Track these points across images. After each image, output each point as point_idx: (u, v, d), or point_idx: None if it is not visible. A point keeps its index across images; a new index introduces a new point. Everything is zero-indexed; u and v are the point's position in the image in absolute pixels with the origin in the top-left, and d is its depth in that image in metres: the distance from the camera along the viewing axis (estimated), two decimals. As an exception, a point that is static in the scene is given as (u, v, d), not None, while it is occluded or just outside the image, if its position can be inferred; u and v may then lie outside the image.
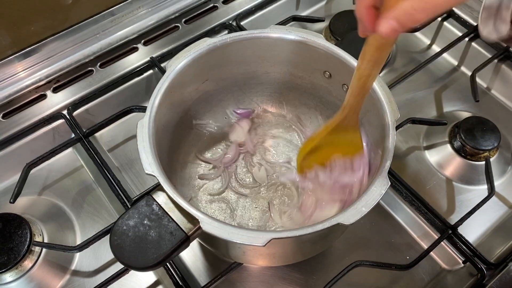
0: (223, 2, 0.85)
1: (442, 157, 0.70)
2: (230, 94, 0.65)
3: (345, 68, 0.55)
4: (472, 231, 0.63)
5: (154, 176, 0.46)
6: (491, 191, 0.63)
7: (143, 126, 0.49)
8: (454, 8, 0.81)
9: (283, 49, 0.58)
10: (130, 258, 0.44)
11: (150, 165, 0.46)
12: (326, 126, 0.52)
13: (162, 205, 0.46)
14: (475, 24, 0.79)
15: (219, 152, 0.67)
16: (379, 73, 0.46)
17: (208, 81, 0.61)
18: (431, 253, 0.59)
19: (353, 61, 0.54)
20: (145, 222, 0.45)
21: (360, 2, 0.37)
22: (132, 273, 0.59)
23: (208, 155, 0.66)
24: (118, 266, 0.58)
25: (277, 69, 0.62)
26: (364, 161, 0.54)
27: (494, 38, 0.41)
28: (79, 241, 0.63)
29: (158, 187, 0.47)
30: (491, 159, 0.67)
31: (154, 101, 0.51)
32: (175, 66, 0.54)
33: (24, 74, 0.73)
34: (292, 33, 0.56)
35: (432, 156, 0.71)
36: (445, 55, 0.80)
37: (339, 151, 0.54)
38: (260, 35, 0.57)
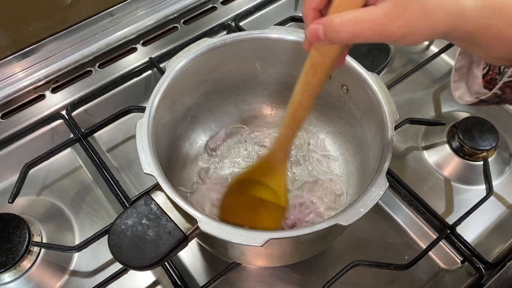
0: (222, 3, 0.85)
1: (440, 157, 0.70)
2: (229, 95, 0.65)
3: (345, 69, 0.55)
4: (470, 231, 0.63)
5: (152, 175, 0.46)
6: (489, 191, 0.63)
7: (142, 125, 0.49)
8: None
9: (283, 49, 0.58)
10: (128, 258, 0.43)
11: (149, 164, 0.47)
12: (257, 161, 0.51)
13: (161, 205, 0.46)
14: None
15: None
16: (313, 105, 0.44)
17: (207, 81, 0.61)
18: (430, 253, 0.59)
19: (353, 62, 0.54)
20: (144, 221, 0.45)
21: (307, 3, 0.38)
22: (131, 273, 0.59)
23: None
24: (117, 266, 0.58)
25: (277, 69, 0.62)
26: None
27: (467, 99, 0.42)
28: (77, 241, 0.63)
29: (156, 186, 0.47)
30: (489, 159, 0.67)
31: (153, 101, 0.51)
32: (175, 66, 0.54)
33: (23, 74, 0.73)
34: (292, 34, 0.57)
35: (431, 156, 0.71)
36: (443, 55, 0.80)
37: (264, 193, 0.52)
38: (260, 35, 0.57)
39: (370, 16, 0.33)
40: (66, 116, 0.70)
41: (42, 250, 0.61)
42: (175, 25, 0.82)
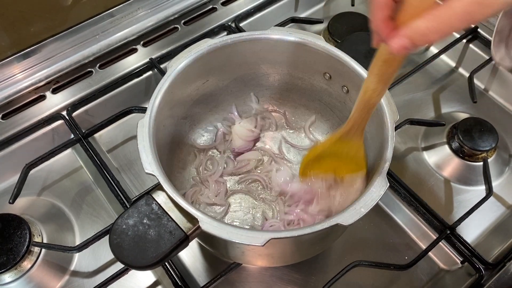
0: (222, 4, 0.85)
1: (440, 158, 0.70)
2: (230, 95, 0.66)
3: (345, 69, 0.55)
4: (470, 231, 0.64)
5: (154, 175, 0.46)
6: (489, 192, 0.63)
7: (143, 125, 0.49)
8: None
9: (283, 50, 0.58)
10: (129, 257, 0.44)
11: (150, 164, 0.47)
12: (331, 137, 0.52)
13: (162, 205, 0.46)
14: (472, 26, 0.80)
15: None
16: (387, 90, 0.46)
17: (208, 82, 0.61)
18: (430, 253, 0.60)
19: (353, 63, 0.55)
20: (145, 221, 0.45)
21: (376, 15, 0.37)
22: (132, 273, 0.59)
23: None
24: (117, 267, 0.58)
25: (277, 70, 0.63)
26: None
27: (507, 64, 0.41)
28: (78, 241, 0.63)
29: (157, 186, 0.47)
30: (489, 160, 0.68)
31: (154, 101, 0.52)
32: (176, 66, 0.54)
33: (23, 75, 0.74)
34: (292, 35, 0.57)
35: (430, 157, 0.71)
36: (443, 56, 0.80)
37: (341, 166, 0.54)
38: (261, 36, 0.57)
39: (454, 10, 0.32)
40: (67, 117, 0.70)
41: (43, 250, 0.61)
42: (175, 26, 0.82)
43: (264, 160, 0.66)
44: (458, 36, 0.80)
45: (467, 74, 0.79)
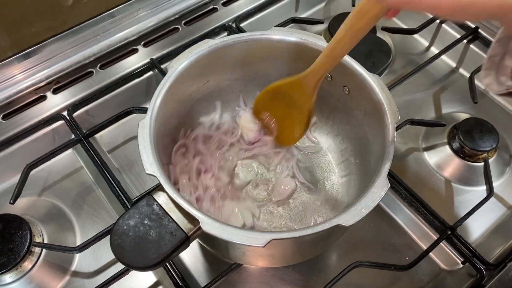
0: (223, 4, 0.85)
1: (441, 158, 0.70)
2: (231, 96, 0.66)
3: (346, 70, 0.55)
4: (471, 231, 0.64)
5: (154, 176, 0.46)
6: (490, 192, 0.63)
7: (144, 126, 0.49)
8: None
9: (284, 50, 0.58)
10: (130, 258, 0.44)
11: (151, 165, 0.47)
12: (290, 77, 0.54)
13: (163, 205, 0.46)
14: (473, 26, 0.80)
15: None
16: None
17: (209, 82, 0.61)
18: (430, 253, 0.60)
19: (354, 64, 0.55)
20: (146, 222, 0.45)
21: None
22: (132, 274, 0.59)
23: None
24: (118, 267, 0.58)
25: (278, 70, 0.62)
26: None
27: (495, 88, 0.41)
28: (79, 242, 0.63)
29: (158, 187, 0.47)
30: (490, 160, 0.68)
31: (155, 102, 0.52)
32: (176, 66, 0.54)
33: (24, 75, 0.73)
34: (293, 35, 0.57)
35: (431, 157, 0.71)
36: (443, 57, 0.80)
37: (287, 111, 0.57)
38: (261, 37, 0.57)
39: None
40: (67, 117, 0.70)
41: (44, 250, 0.61)
42: (176, 26, 0.82)
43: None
44: (458, 36, 0.80)
45: (467, 75, 0.79)
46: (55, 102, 0.73)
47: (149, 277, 0.61)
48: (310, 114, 0.58)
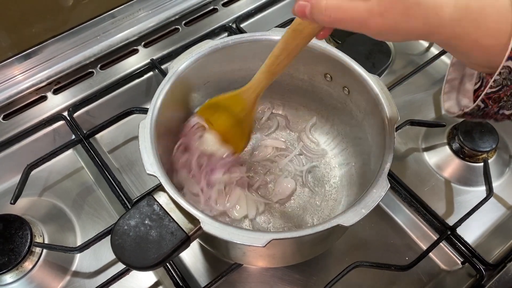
0: (223, 5, 0.86)
1: (440, 159, 0.70)
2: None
3: (346, 71, 0.55)
4: (470, 232, 0.64)
5: (155, 176, 0.46)
6: (490, 192, 0.64)
7: (145, 126, 0.49)
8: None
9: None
10: (131, 258, 0.44)
11: (151, 165, 0.47)
12: (232, 91, 0.55)
13: (163, 206, 0.46)
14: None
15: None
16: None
17: (209, 83, 0.61)
18: (430, 254, 0.60)
19: (354, 64, 0.55)
20: (146, 222, 0.45)
21: None
22: (133, 274, 0.59)
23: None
24: (119, 267, 0.58)
25: (277, 71, 0.63)
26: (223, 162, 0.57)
27: (455, 111, 0.42)
28: (79, 242, 0.63)
29: (159, 187, 0.47)
30: (489, 161, 0.68)
31: (156, 102, 0.52)
32: (177, 67, 0.54)
33: (24, 75, 0.74)
34: (292, 36, 0.57)
35: (431, 158, 0.71)
36: (443, 57, 0.80)
37: (228, 124, 0.57)
38: (262, 37, 0.58)
39: (353, 8, 0.35)
40: (68, 118, 0.71)
41: (44, 251, 0.61)
42: (176, 26, 0.82)
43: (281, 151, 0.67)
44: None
45: (467, 75, 0.79)
46: (55, 102, 0.73)
47: (150, 277, 0.61)
48: (250, 128, 0.58)
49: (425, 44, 0.86)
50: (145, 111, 0.63)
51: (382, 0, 0.34)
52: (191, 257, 0.62)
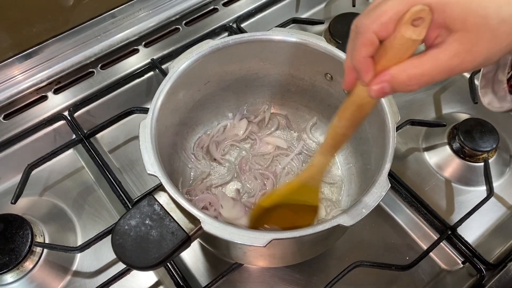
0: (224, 5, 0.86)
1: (441, 159, 0.70)
2: (231, 96, 0.66)
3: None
4: (471, 232, 0.64)
5: (156, 176, 0.46)
6: (490, 192, 0.64)
7: (145, 126, 0.49)
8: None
9: (284, 51, 0.59)
10: (131, 258, 0.44)
11: (152, 165, 0.47)
12: (289, 182, 0.49)
13: (164, 205, 0.46)
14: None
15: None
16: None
17: (210, 83, 0.61)
18: (431, 253, 0.60)
19: (354, 63, 0.55)
20: (147, 222, 0.45)
21: (360, 51, 0.34)
22: (133, 273, 0.59)
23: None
24: (119, 267, 0.58)
25: (278, 71, 0.63)
26: None
27: (496, 105, 0.41)
28: (80, 241, 0.63)
29: (160, 187, 0.47)
30: (490, 161, 0.68)
31: (156, 102, 0.52)
32: (177, 67, 0.54)
33: (25, 75, 0.74)
34: (293, 36, 0.57)
35: (431, 158, 0.71)
36: (444, 57, 0.80)
37: (294, 215, 0.51)
38: (262, 37, 0.58)
39: (438, 63, 0.32)
40: (69, 117, 0.71)
41: (45, 250, 0.61)
42: (176, 26, 0.82)
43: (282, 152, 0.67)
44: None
45: (467, 75, 0.79)
46: (56, 102, 0.73)
47: (150, 277, 0.61)
48: (317, 206, 0.52)
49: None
50: (145, 111, 0.63)
51: (464, 36, 0.31)
52: (192, 257, 0.62)
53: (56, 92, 0.74)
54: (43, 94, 0.74)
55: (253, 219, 0.53)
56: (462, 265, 0.62)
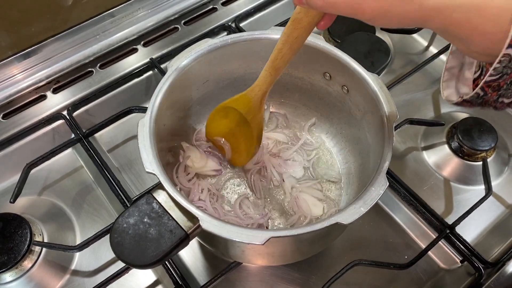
0: (222, 4, 0.86)
1: (439, 158, 0.70)
2: (230, 95, 0.65)
3: (345, 69, 0.55)
4: (469, 230, 0.64)
5: (154, 174, 0.46)
6: (488, 191, 0.64)
7: (144, 125, 0.50)
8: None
9: (283, 50, 0.59)
10: (130, 256, 0.44)
11: (150, 163, 0.47)
12: (236, 95, 0.55)
13: (162, 204, 0.46)
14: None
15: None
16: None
17: (208, 82, 0.61)
18: (429, 252, 0.60)
19: (353, 63, 0.55)
20: (145, 220, 0.45)
21: None
22: (132, 272, 0.59)
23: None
24: (118, 266, 0.58)
25: (277, 70, 0.63)
26: None
27: (454, 99, 0.42)
28: (79, 241, 0.63)
29: (158, 185, 0.47)
30: (488, 160, 0.68)
31: (155, 101, 0.52)
32: (176, 66, 0.54)
33: (24, 74, 0.74)
34: (291, 34, 0.57)
35: (430, 157, 0.71)
36: (442, 56, 0.80)
37: (238, 130, 0.58)
38: (261, 36, 0.58)
39: None
40: (67, 117, 0.71)
41: (44, 249, 0.61)
42: (175, 26, 0.82)
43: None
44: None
45: (466, 74, 0.79)
46: (55, 101, 0.73)
47: (149, 275, 0.61)
48: (260, 129, 0.58)
49: (424, 43, 0.86)
50: (144, 110, 0.63)
51: None
52: (191, 255, 0.62)
53: (55, 91, 0.74)
54: (42, 94, 0.74)
55: (208, 125, 0.61)
56: (460, 264, 0.62)
